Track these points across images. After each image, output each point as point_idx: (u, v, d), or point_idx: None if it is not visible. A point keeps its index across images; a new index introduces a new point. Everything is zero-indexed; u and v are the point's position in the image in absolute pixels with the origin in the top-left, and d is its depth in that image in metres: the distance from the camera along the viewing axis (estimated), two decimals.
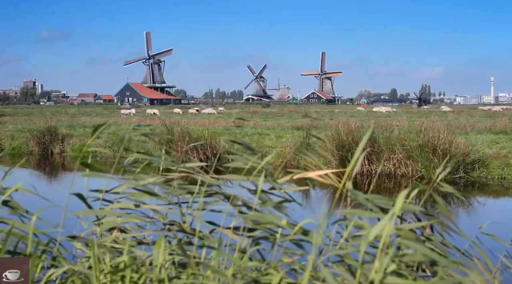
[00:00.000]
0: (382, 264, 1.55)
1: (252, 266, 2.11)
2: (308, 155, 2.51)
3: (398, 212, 1.61)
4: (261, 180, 2.22)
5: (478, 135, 14.46)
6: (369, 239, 1.74)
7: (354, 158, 2.02)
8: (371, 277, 1.61)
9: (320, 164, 2.45)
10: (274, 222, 2.16)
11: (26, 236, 2.10)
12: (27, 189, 2.38)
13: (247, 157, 2.47)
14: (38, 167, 14.12)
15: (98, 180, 2.28)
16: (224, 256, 2.16)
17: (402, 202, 1.60)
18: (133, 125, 2.76)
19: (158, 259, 2.04)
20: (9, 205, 2.30)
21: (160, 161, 2.50)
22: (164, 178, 2.38)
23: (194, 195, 2.32)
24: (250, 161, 2.43)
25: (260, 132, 15.84)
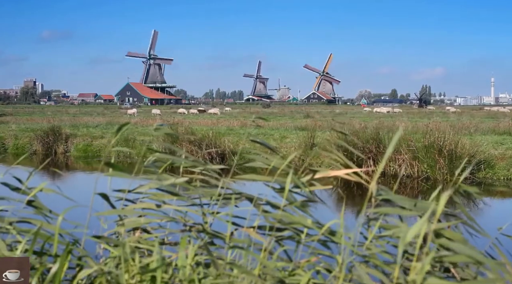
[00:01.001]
0: (424, 265, 1.55)
1: (279, 267, 2.11)
2: (335, 153, 2.51)
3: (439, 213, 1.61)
4: (288, 179, 2.22)
5: (482, 136, 14.46)
6: (406, 240, 1.74)
7: (385, 157, 2.02)
8: (411, 277, 1.61)
9: (349, 162, 2.45)
10: (301, 222, 2.16)
11: (52, 236, 2.10)
12: (51, 189, 2.38)
13: (268, 156, 2.47)
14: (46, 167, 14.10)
15: (113, 179, 2.28)
16: (249, 257, 2.16)
17: (444, 203, 1.61)
18: (155, 125, 2.76)
19: (188, 260, 2.05)
20: (33, 205, 2.30)
21: (181, 161, 2.49)
22: (188, 178, 2.38)
23: (215, 195, 2.31)
24: (272, 161, 2.42)
25: (263, 133, 15.84)
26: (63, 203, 2.35)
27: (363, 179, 2.33)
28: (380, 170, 2.38)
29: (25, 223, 2.24)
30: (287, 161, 2.35)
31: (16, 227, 2.22)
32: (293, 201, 2.24)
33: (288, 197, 2.22)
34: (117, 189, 2.39)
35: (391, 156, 10.75)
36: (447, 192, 1.78)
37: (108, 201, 2.33)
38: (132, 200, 2.39)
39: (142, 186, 2.35)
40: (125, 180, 2.33)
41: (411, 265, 2.02)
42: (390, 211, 1.94)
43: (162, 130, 2.89)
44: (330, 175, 2.33)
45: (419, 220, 1.79)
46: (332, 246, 2.16)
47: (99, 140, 16.04)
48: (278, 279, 2.04)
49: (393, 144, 1.81)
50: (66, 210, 2.17)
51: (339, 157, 2.49)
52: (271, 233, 2.19)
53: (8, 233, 2.21)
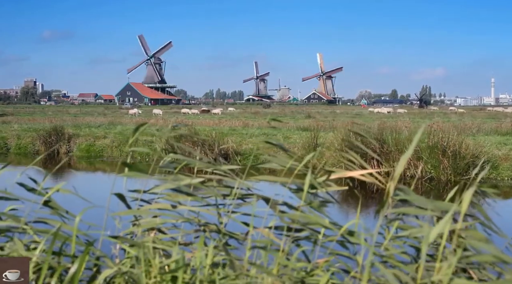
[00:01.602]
0: (451, 265, 1.54)
1: (299, 267, 2.11)
2: (351, 154, 2.51)
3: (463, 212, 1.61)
4: (307, 180, 2.22)
5: (485, 136, 14.46)
6: (430, 240, 1.74)
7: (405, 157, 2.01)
8: (436, 277, 1.61)
9: (364, 163, 2.45)
10: (320, 223, 2.16)
11: (69, 237, 2.10)
12: (67, 190, 2.38)
13: (283, 157, 2.46)
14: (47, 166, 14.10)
15: (119, 180, 2.28)
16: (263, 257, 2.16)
17: (468, 202, 1.60)
18: (171, 125, 2.75)
19: (207, 260, 2.05)
20: (49, 205, 2.30)
21: (196, 162, 2.48)
22: (203, 179, 2.38)
23: (231, 196, 2.31)
24: (286, 162, 2.41)
25: (266, 133, 15.84)
26: (75, 203, 2.35)
27: (377, 180, 2.33)
28: (398, 171, 2.38)
29: (41, 223, 2.24)
30: (303, 162, 2.34)
31: (33, 227, 2.22)
32: (311, 202, 2.24)
33: (305, 198, 2.23)
34: (132, 190, 2.39)
35: (395, 156, 10.75)
36: (469, 193, 1.78)
37: (124, 201, 2.33)
38: (147, 200, 2.39)
39: (157, 187, 2.35)
40: (136, 180, 2.33)
41: (429, 265, 2.03)
42: (412, 211, 1.94)
43: (178, 130, 2.89)
44: (345, 176, 2.34)
45: (441, 220, 1.79)
46: (348, 246, 2.16)
47: (101, 140, 16.02)
48: (297, 279, 2.04)
49: (413, 145, 1.81)
50: (83, 211, 2.16)
51: (355, 158, 2.50)
52: (287, 233, 2.19)
53: (25, 233, 2.21)
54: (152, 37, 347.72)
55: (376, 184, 2.22)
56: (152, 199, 2.39)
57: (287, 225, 2.20)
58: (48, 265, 2.02)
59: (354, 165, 2.43)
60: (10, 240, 2.25)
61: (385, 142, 11.12)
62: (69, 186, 2.43)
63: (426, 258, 2.17)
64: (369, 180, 2.39)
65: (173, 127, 2.78)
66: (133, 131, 2.47)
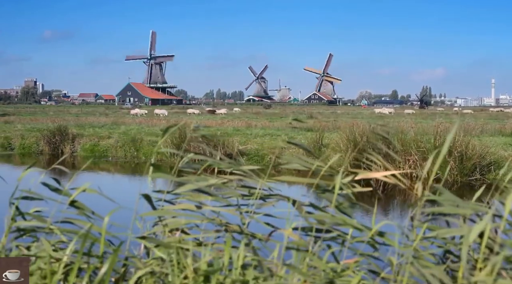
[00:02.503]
0: (496, 265, 1.54)
1: (329, 268, 2.10)
2: (374, 156, 2.50)
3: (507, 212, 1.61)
4: (338, 180, 2.22)
5: (490, 137, 14.45)
6: (469, 241, 1.74)
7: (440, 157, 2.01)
8: (478, 278, 1.61)
9: (386, 164, 2.45)
10: (352, 224, 2.15)
11: (98, 238, 2.09)
12: (94, 190, 2.38)
13: (305, 158, 2.45)
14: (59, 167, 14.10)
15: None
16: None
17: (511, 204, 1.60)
18: (192, 126, 2.74)
19: (238, 261, 2.04)
20: (75, 205, 2.30)
21: (218, 162, 2.48)
22: (226, 179, 2.37)
23: (254, 196, 2.30)
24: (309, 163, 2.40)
25: (270, 133, 15.83)
26: (92, 202, 2.34)
27: (400, 181, 2.33)
28: (425, 171, 2.38)
29: (67, 223, 2.24)
30: (329, 163, 2.34)
31: (60, 228, 2.21)
32: (340, 203, 2.23)
33: (330, 199, 2.22)
34: (156, 190, 2.39)
35: (401, 157, 10.74)
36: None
37: (150, 202, 2.32)
38: (169, 201, 2.39)
39: (181, 187, 2.34)
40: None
41: (456, 266, 2.02)
42: (449, 210, 1.93)
43: (199, 131, 2.89)
44: (370, 176, 2.33)
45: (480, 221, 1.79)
46: (371, 247, 2.15)
47: (106, 140, 16.02)
48: (328, 280, 2.04)
49: (447, 145, 1.81)
50: (112, 211, 2.16)
51: (378, 159, 2.50)
52: (312, 234, 2.19)
53: (52, 233, 2.21)
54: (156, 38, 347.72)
55: (397, 185, 2.22)
56: (173, 199, 2.39)
57: (312, 226, 2.20)
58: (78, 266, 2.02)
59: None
60: (35, 240, 2.25)
61: (390, 142, 11.09)
62: (93, 186, 2.42)
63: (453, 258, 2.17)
64: (391, 181, 2.39)
65: (194, 129, 2.78)
66: (162, 132, 2.48)
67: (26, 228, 2.25)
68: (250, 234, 2.25)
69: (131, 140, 15.23)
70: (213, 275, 1.97)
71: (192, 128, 2.76)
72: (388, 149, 2.98)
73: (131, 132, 16.87)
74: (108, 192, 2.24)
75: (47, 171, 2.40)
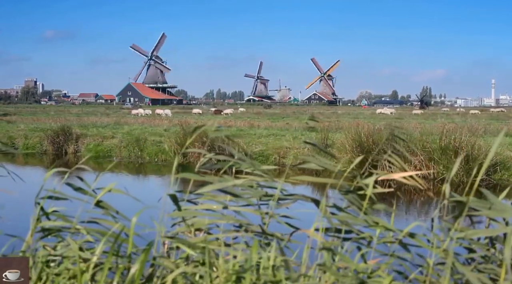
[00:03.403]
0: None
1: (359, 268, 2.10)
2: (393, 156, 2.50)
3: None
4: (371, 181, 2.22)
5: (494, 137, 14.43)
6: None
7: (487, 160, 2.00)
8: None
9: (404, 166, 2.45)
10: (384, 225, 2.15)
11: (126, 238, 2.09)
12: (119, 190, 2.37)
13: (321, 159, 2.44)
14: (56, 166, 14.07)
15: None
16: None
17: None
18: (215, 127, 2.73)
19: (270, 261, 2.04)
20: (100, 205, 2.29)
21: (239, 162, 2.47)
22: (247, 180, 2.37)
23: (275, 197, 2.30)
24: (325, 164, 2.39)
25: (274, 133, 15.81)
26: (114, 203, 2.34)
27: (419, 183, 2.33)
28: (452, 173, 2.38)
29: (92, 223, 2.23)
30: (353, 164, 2.33)
31: (87, 228, 2.21)
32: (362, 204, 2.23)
33: (352, 199, 2.22)
34: (179, 190, 2.39)
35: (406, 158, 10.75)
36: None
37: (176, 202, 2.32)
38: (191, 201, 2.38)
39: (205, 187, 2.34)
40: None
41: (486, 267, 2.02)
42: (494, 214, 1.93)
43: (221, 131, 2.88)
44: (391, 177, 2.34)
45: None
46: (397, 248, 2.15)
47: (109, 140, 16.00)
48: (359, 280, 2.03)
49: (495, 145, 1.81)
50: (139, 212, 2.15)
51: (397, 161, 2.50)
52: (340, 235, 2.18)
53: (78, 233, 2.21)
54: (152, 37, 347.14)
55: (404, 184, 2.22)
56: (193, 199, 2.39)
57: (335, 227, 2.20)
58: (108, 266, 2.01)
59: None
60: (61, 241, 2.25)
61: (395, 143, 11.09)
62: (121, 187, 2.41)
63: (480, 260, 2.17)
64: (411, 183, 2.39)
65: (216, 129, 2.76)
66: (190, 132, 2.47)
67: (52, 228, 2.24)
68: (272, 235, 2.25)
69: (135, 140, 15.22)
70: (247, 275, 1.97)
71: (214, 129, 2.76)
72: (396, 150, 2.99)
73: (135, 132, 16.86)
74: (131, 191, 2.23)
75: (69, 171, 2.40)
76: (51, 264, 2.18)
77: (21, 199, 3.66)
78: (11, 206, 4.24)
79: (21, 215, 3.60)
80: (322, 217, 2.19)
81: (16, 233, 2.22)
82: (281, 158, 12.85)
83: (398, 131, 2.68)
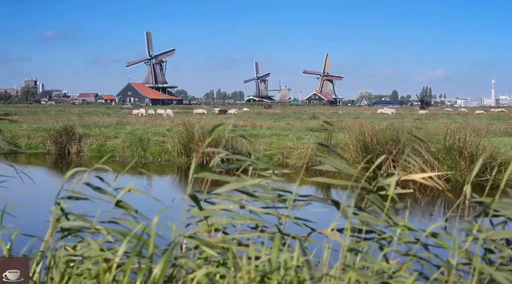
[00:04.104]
0: None
1: (379, 269, 2.10)
2: (412, 157, 2.51)
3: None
4: (393, 182, 2.23)
5: (497, 137, 14.45)
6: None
7: None
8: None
9: (424, 166, 2.46)
10: (406, 225, 2.16)
11: (147, 239, 2.09)
12: (139, 190, 2.38)
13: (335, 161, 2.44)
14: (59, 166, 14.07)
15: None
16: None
17: None
18: (230, 127, 2.74)
19: (293, 261, 2.05)
20: (120, 205, 2.29)
21: (256, 162, 2.47)
22: (263, 180, 2.37)
23: (290, 198, 2.30)
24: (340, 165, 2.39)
25: (278, 133, 15.82)
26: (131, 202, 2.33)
27: (438, 184, 2.34)
28: (473, 174, 2.39)
29: (112, 223, 2.23)
30: (376, 164, 2.33)
31: (107, 228, 2.21)
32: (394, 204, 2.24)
33: (374, 200, 2.23)
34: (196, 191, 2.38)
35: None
36: None
37: (196, 202, 2.31)
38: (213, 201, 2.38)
39: (223, 187, 2.34)
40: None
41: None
42: None
43: (237, 131, 2.89)
44: (410, 178, 2.34)
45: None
46: (416, 247, 2.15)
47: (112, 140, 16.00)
48: (382, 280, 2.03)
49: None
50: (159, 212, 2.15)
51: (416, 161, 2.51)
52: (357, 235, 2.19)
53: (98, 233, 2.20)
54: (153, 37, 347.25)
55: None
56: (209, 199, 2.39)
57: (354, 227, 2.20)
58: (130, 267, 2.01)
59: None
60: (80, 241, 2.24)
61: (400, 143, 11.10)
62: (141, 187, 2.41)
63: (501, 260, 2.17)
64: (430, 183, 2.39)
65: (232, 129, 2.77)
66: (209, 131, 2.47)
67: (72, 228, 2.24)
68: (289, 235, 2.25)
69: (138, 140, 15.22)
70: (273, 275, 1.97)
71: (230, 128, 2.76)
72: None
73: (138, 132, 16.85)
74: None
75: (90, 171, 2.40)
76: (71, 264, 2.18)
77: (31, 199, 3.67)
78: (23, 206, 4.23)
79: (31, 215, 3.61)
80: (340, 218, 2.20)
81: (29, 232, 2.23)
82: (285, 158, 12.86)
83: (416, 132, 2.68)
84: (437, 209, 9.16)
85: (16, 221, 2.48)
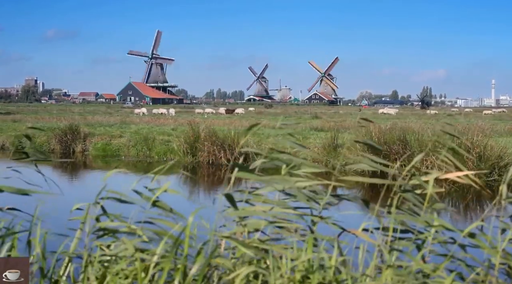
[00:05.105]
0: None
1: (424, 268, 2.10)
2: (445, 155, 2.52)
3: None
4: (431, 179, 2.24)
5: (502, 138, 14.45)
6: None
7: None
8: None
9: (459, 165, 2.46)
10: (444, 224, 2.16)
11: (183, 240, 2.09)
12: (174, 190, 2.39)
13: (372, 158, 2.44)
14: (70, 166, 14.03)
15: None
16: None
17: None
18: (250, 124, 2.72)
19: (332, 261, 2.06)
20: (157, 205, 2.30)
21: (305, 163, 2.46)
22: (299, 180, 2.36)
23: (323, 199, 2.29)
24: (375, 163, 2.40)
25: (282, 133, 15.78)
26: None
27: (475, 182, 2.35)
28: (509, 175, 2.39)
29: (147, 223, 2.24)
30: (413, 163, 2.34)
31: (143, 228, 2.21)
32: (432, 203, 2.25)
33: (408, 198, 2.24)
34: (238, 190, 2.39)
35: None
36: None
37: (232, 201, 2.32)
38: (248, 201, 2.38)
39: (263, 188, 2.34)
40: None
41: None
42: None
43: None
44: (445, 177, 2.36)
45: None
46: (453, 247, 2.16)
47: (117, 139, 16.00)
48: (420, 280, 2.04)
49: None
50: (195, 211, 2.15)
51: (449, 159, 2.52)
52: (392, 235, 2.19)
53: (134, 234, 2.21)
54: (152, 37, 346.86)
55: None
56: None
57: (384, 227, 2.21)
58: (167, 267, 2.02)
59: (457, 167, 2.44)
60: (114, 241, 2.25)
61: (407, 143, 11.11)
62: None
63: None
64: (465, 181, 2.40)
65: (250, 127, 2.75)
66: (245, 131, 2.48)
67: (109, 228, 2.25)
68: (319, 235, 2.25)
69: (143, 139, 15.22)
70: (314, 275, 1.98)
71: (246, 129, 2.76)
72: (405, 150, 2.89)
73: (142, 131, 16.85)
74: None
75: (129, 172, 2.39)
76: (105, 264, 2.19)
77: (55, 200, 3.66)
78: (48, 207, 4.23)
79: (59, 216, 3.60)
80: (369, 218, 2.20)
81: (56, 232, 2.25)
82: None
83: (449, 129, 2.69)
84: (465, 209, 9.17)
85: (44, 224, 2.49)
